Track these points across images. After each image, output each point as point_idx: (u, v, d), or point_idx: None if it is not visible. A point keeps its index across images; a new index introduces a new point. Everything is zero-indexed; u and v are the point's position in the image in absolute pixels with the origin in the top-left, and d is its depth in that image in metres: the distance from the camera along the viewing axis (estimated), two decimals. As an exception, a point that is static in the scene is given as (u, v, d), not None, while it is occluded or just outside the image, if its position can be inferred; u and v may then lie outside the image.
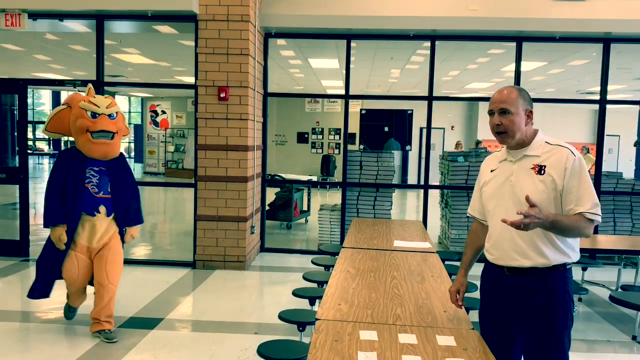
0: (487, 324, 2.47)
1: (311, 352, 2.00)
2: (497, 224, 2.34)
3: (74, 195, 3.84)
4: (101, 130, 3.86)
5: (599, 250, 5.12)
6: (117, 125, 3.99)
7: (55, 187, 3.85)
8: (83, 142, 3.88)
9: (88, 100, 3.93)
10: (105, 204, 3.94)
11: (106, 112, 3.92)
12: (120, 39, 8.46)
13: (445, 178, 7.64)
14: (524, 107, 2.30)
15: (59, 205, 3.84)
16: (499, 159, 2.44)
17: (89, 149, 3.89)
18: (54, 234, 3.87)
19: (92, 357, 3.74)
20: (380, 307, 2.58)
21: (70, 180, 3.85)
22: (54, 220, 3.84)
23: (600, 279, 5.88)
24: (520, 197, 2.24)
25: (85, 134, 3.86)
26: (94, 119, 3.86)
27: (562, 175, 2.21)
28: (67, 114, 3.97)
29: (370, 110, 9.31)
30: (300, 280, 4.01)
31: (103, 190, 3.93)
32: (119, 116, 4.05)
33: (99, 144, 3.88)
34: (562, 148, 2.27)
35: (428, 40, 6.73)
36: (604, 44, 6.54)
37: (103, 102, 3.95)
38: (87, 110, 3.88)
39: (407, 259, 3.66)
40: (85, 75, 12.71)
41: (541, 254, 2.25)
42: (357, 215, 7.13)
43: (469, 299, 3.28)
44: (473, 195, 2.63)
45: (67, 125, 3.98)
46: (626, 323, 4.73)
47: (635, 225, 7.01)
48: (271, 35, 6.77)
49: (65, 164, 3.91)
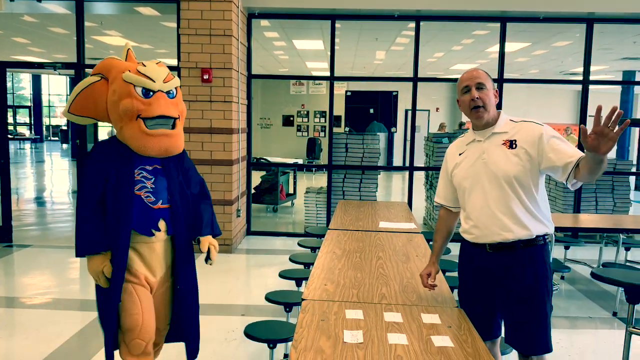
0: (468, 302, 2.50)
1: (297, 332, 2.01)
2: (475, 203, 2.36)
3: (121, 207, 2.48)
4: (160, 117, 2.49)
5: (581, 229, 5.20)
6: (179, 107, 2.63)
7: (90, 198, 2.49)
8: (132, 133, 2.48)
9: (135, 69, 2.50)
10: (165, 216, 2.58)
11: (164, 88, 2.53)
12: (101, 21, 8.31)
13: (430, 160, 7.68)
14: (492, 85, 2.37)
15: (97, 224, 2.48)
16: (466, 142, 2.47)
17: (142, 144, 2.49)
18: (93, 267, 2.48)
19: (80, 340, 3.73)
20: (366, 287, 2.60)
21: (112, 187, 2.49)
22: (90, 246, 2.49)
23: (582, 257, 5.98)
24: (496, 172, 2.27)
25: (136, 122, 2.46)
26: (147, 99, 2.47)
27: (535, 146, 2.24)
28: (102, 89, 2.55)
29: (356, 92, 9.26)
30: (287, 262, 4.03)
31: (162, 199, 2.57)
32: (179, 93, 2.68)
33: (157, 137, 2.49)
34: (527, 123, 2.33)
35: (412, 21, 6.70)
36: (587, 24, 6.57)
37: (158, 72, 2.55)
38: (135, 86, 2.47)
39: (393, 240, 3.68)
40: (66, 57, 12.51)
41: (523, 226, 2.28)
42: (343, 197, 7.14)
43: (453, 278, 3.32)
44: (439, 183, 2.65)
45: (101, 106, 2.56)
46: (607, 300, 4.82)
47: (616, 205, 7.12)
48: (254, 15, 6.69)
49: (104, 163, 2.51)
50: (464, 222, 2.47)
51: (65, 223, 7.71)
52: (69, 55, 11.14)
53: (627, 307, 2.82)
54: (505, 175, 2.27)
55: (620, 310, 4.49)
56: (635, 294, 2.70)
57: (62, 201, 10.03)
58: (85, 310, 4.30)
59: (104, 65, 2.58)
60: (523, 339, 2.33)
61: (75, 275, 5.39)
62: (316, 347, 1.88)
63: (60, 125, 25.59)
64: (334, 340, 1.94)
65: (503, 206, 2.29)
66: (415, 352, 1.86)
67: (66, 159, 18.51)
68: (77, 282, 5.15)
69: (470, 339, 1.99)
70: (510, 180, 2.26)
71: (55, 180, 13.48)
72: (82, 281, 5.16)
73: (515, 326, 2.35)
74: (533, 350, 2.32)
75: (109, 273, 2.47)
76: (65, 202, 9.82)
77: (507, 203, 2.28)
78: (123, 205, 2.47)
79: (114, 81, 2.51)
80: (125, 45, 2.69)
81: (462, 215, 2.49)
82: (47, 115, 26.16)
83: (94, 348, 3.60)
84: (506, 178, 2.27)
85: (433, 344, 1.93)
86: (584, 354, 3.68)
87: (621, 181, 7.15)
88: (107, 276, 2.47)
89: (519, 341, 2.34)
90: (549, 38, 8.74)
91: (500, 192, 2.29)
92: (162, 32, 8.62)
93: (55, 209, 9.24)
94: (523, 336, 2.33)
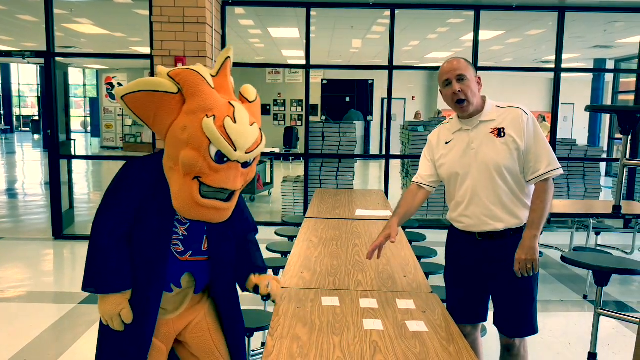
0: (456, 287, 2.53)
1: (274, 320, 2.02)
2: (465, 192, 2.37)
3: (154, 253, 1.95)
4: (220, 189, 1.89)
5: (554, 215, 5.29)
6: (248, 177, 2.03)
7: (115, 226, 1.92)
8: (180, 190, 1.88)
9: (222, 122, 1.82)
10: (194, 270, 2.03)
11: (242, 159, 1.90)
12: (72, 9, 8.12)
13: (406, 148, 7.72)
14: (474, 72, 2.35)
15: (121, 257, 1.91)
16: (452, 130, 2.45)
17: (184, 209, 1.89)
18: (108, 308, 1.90)
19: (55, 333, 3.69)
20: (342, 274, 2.62)
21: (145, 226, 1.94)
22: (110, 282, 1.90)
23: (555, 242, 6.10)
24: (487, 163, 2.29)
25: (191, 182, 1.86)
26: (217, 165, 1.84)
27: (521, 135, 2.27)
28: (172, 106, 1.87)
29: (332, 80, 9.27)
30: (264, 251, 4.02)
31: (192, 250, 2.02)
32: (256, 159, 2.04)
33: (205, 209, 1.89)
34: (514, 108, 2.34)
35: (388, 9, 6.70)
36: (559, 13, 6.65)
37: (246, 139, 1.88)
38: (212, 143, 1.81)
39: (369, 227, 3.71)
40: (35, 46, 12.21)
41: (513, 215, 2.32)
42: (320, 186, 7.15)
43: (428, 264, 3.36)
44: (420, 164, 2.59)
45: (161, 122, 1.90)
46: (578, 283, 4.94)
47: (587, 190, 7.27)
48: (229, 3, 6.62)
49: (141, 192, 1.94)
50: (453, 211, 2.47)
51: (38, 215, 7.58)
52: (39, 44, 10.88)
53: (596, 289, 2.90)
54: (496, 165, 2.28)
55: (590, 293, 4.60)
56: (603, 277, 2.77)
57: (34, 193, 9.84)
58: (60, 303, 4.25)
59: (188, 80, 1.87)
60: (511, 321, 2.38)
61: (48, 267, 5.31)
62: (292, 334, 1.89)
63: (32, 116, 25.02)
64: (310, 327, 1.95)
65: (493, 196, 2.31)
66: (391, 337, 1.89)
67: (38, 149, 18.13)
68: (51, 274, 5.08)
69: (444, 324, 2.02)
70: (501, 170, 2.28)
71: (27, 171, 13.22)
72: (55, 273, 5.09)
73: (504, 308, 2.39)
74: (519, 333, 2.38)
75: (129, 318, 1.90)
76: (37, 194, 9.64)
77: (497, 193, 2.30)
78: (158, 251, 1.94)
79: (190, 114, 1.83)
80: (226, 51, 2.05)
81: (451, 204, 2.49)
82: (17, 106, 25.53)
83: (68, 340, 3.56)
84: (497, 168, 2.28)
85: (408, 329, 1.96)
86: (555, 335, 3.78)
87: (592, 168, 7.31)
88: (126, 320, 1.91)
89: (507, 323, 2.39)
90: (523, 26, 8.83)
91: (490, 182, 2.30)
92: (134, 19, 8.46)
93: (28, 200, 9.07)
94: (511, 318, 2.38)
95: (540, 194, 2.27)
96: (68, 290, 4.59)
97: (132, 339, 1.93)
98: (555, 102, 6.92)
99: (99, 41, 11.88)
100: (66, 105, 6.79)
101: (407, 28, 8.82)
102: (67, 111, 6.83)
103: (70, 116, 7.17)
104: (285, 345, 1.81)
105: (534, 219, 2.27)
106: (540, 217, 2.26)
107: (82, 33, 10.53)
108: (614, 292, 4.71)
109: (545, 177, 2.27)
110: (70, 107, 7.28)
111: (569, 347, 3.60)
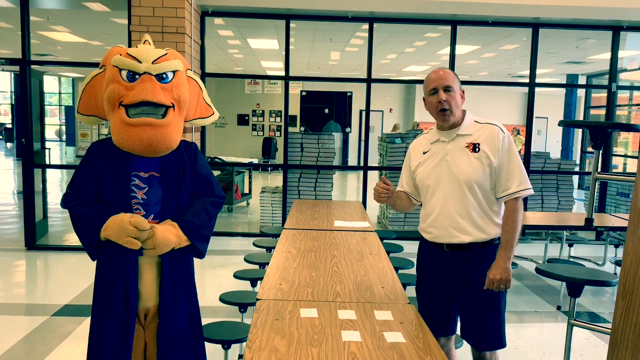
0: (425, 299, 2.56)
1: (252, 332, 2.01)
2: (436, 203, 2.41)
3: None
4: (144, 103, 2.05)
5: (528, 227, 5.39)
6: (175, 94, 2.14)
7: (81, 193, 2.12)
8: (113, 124, 2.09)
9: (126, 52, 2.13)
10: None
11: (152, 71, 2.09)
12: (48, 16, 8.03)
13: (384, 159, 7.79)
14: (459, 86, 2.40)
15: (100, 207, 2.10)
16: (430, 141, 2.49)
17: (121, 136, 2.06)
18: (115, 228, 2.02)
19: (26, 346, 3.60)
20: (321, 285, 2.62)
21: (106, 194, 2.12)
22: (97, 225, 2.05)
23: (529, 254, 6.20)
24: (458, 176, 2.33)
25: (118, 111, 2.07)
26: (130, 83, 2.06)
27: (495, 153, 2.32)
28: (100, 82, 2.18)
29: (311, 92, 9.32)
30: (242, 262, 4.01)
31: (153, 212, 2.15)
32: (178, 78, 2.17)
33: (138, 127, 2.04)
34: (491, 125, 2.38)
35: (366, 22, 6.77)
36: (533, 29, 6.81)
37: (148, 52, 2.13)
38: (121, 69, 2.08)
39: (347, 238, 3.72)
40: (10, 53, 12.01)
41: (481, 230, 2.36)
42: (299, 197, 7.16)
43: (406, 275, 3.39)
44: (402, 174, 2.68)
45: (101, 102, 2.18)
46: (552, 294, 5.02)
47: (560, 202, 7.42)
48: (208, 13, 6.62)
49: (96, 166, 2.14)
50: (423, 221, 2.51)
51: (10, 225, 7.41)
52: (14, 50, 10.71)
53: (569, 300, 2.96)
54: (467, 179, 2.32)
55: (564, 304, 4.68)
56: (576, 288, 2.83)
57: (6, 202, 9.63)
58: (32, 315, 4.16)
59: (106, 55, 2.18)
60: (478, 335, 2.41)
61: (20, 279, 5.19)
62: (270, 347, 1.89)
63: (4, 124, 24.53)
64: (288, 339, 1.95)
65: (462, 209, 2.34)
66: (369, 349, 1.90)
67: (11, 158, 17.77)
68: (23, 286, 4.96)
69: (421, 335, 2.04)
70: (471, 184, 2.32)
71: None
72: (27, 285, 4.98)
73: (470, 323, 2.42)
74: (487, 346, 2.41)
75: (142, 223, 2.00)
76: (9, 203, 9.43)
77: (466, 206, 2.34)
78: None
79: (107, 69, 2.14)
80: (144, 36, 2.31)
81: (421, 213, 2.54)
82: (-11, 113, 25.05)
83: (40, 354, 3.48)
84: (467, 182, 2.32)
85: (386, 340, 1.97)
86: (530, 346, 3.83)
87: (565, 180, 7.46)
88: (141, 227, 2.00)
89: (475, 337, 2.42)
90: (498, 41, 9.01)
91: (460, 195, 2.34)
92: (112, 28, 8.39)
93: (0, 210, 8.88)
94: (478, 332, 2.41)
95: (512, 214, 2.32)
96: (40, 302, 4.49)
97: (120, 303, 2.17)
98: (530, 116, 7.06)
99: (76, 49, 11.75)
100: (41, 113, 6.70)
101: (385, 41, 8.92)
102: (42, 119, 6.73)
103: (45, 124, 7.07)
104: (264, 358, 1.80)
105: (508, 239, 2.31)
106: (513, 238, 2.31)
107: (58, 41, 10.40)
108: (586, 302, 4.80)
109: (515, 196, 2.32)
110: (45, 115, 7.17)
111: (543, 357, 3.65)
